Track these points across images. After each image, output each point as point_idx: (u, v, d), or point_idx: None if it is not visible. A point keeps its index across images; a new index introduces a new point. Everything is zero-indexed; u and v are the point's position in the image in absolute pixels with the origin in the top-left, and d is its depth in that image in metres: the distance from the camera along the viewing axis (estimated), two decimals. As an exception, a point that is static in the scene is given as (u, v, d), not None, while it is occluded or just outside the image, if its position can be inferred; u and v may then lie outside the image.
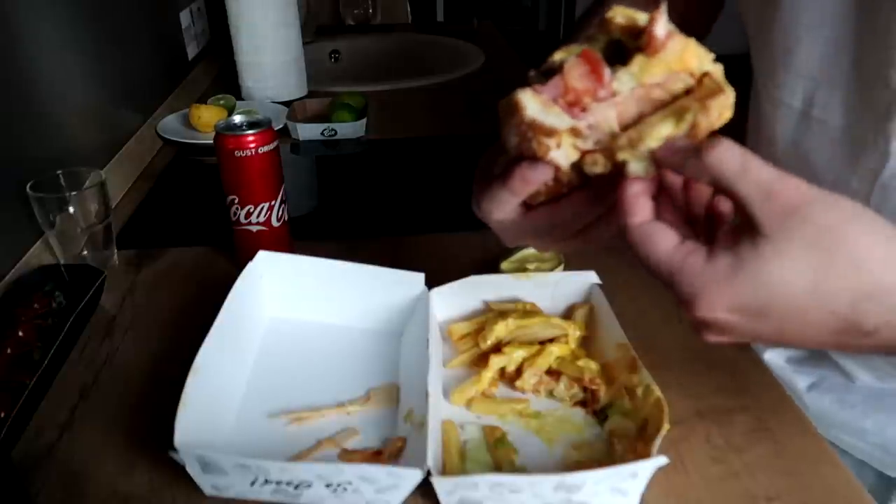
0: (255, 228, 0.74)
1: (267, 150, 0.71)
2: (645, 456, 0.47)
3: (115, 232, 0.80)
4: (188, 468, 0.48)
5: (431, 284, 0.64)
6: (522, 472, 0.51)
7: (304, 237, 0.81)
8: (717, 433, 0.55)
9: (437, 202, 0.95)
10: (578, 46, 0.39)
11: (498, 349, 0.59)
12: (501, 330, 0.59)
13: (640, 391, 0.53)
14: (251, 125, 0.71)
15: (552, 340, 0.60)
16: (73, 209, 0.74)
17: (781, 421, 0.56)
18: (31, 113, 0.81)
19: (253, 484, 0.48)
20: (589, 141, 0.38)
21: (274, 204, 0.74)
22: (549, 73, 0.39)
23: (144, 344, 0.67)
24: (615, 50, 0.39)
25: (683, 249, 0.37)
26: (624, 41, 0.39)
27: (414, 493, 0.49)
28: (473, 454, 0.53)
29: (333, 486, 0.47)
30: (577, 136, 0.38)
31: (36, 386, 0.59)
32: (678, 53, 0.37)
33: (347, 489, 0.48)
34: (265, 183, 0.73)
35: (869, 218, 0.35)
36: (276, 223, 0.75)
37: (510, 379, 0.59)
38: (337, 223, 0.91)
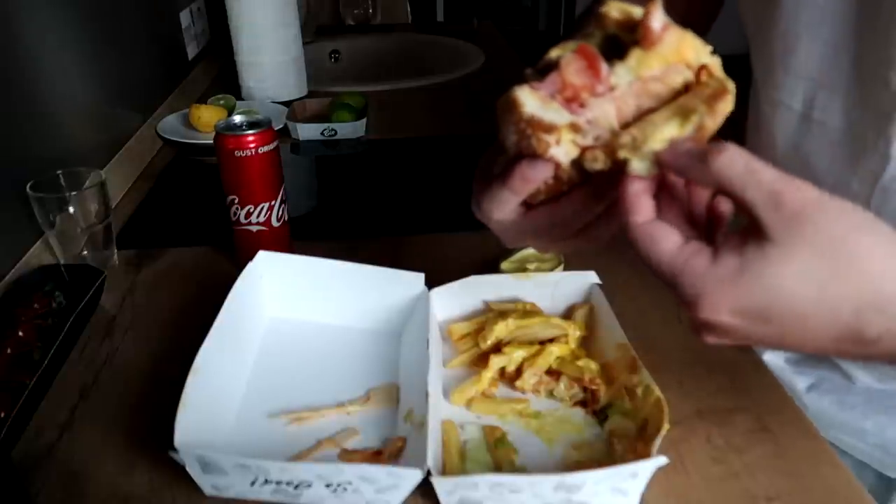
0: (255, 228, 0.74)
1: (267, 150, 0.71)
2: (645, 456, 0.47)
3: (115, 232, 0.80)
4: (188, 468, 0.48)
5: (431, 284, 0.64)
6: (522, 472, 0.51)
7: (304, 237, 0.81)
8: (717, 433, 0.55)
9: (437, 202, 0.95)
10: (574, 42, 0.39)
11: (498, 349, 0.59)
12: (501, 330, 0.59)
13: (640, 391, 0.53)
14: (251, 125, 0.71)
15: (552, 340, 0.60)
16: (73, 209, 0.74)
17: (781, 421, 0.56)
18: (31, 113, 0.81)
19: (253, 484, 0.48)
20: (588, 137, 0.37)
21: (274, 204, 0.74)
22: (545, 70, 0.38)
23: (144, 344, 0.67)
24: (612, 45, 0.39)
25: (687, 249, 0.36)
26: (620, 36, 0.39)
27: (414, 493, 0.49)
28: (473, 454, 0.53)
29: (333, 486, 0.47)
30: (576, 131, 0.37)
31: (36, 386, 0.59)
32: (675, 46, 0.36)
33: (347, 489, 0.48)
34: (265, 183, 0.73)
35: (876, 226, 0.35)
36: (276, 223, 0.75)
37: (510, 379, 0.59)
38: (337, 223, 0.91)
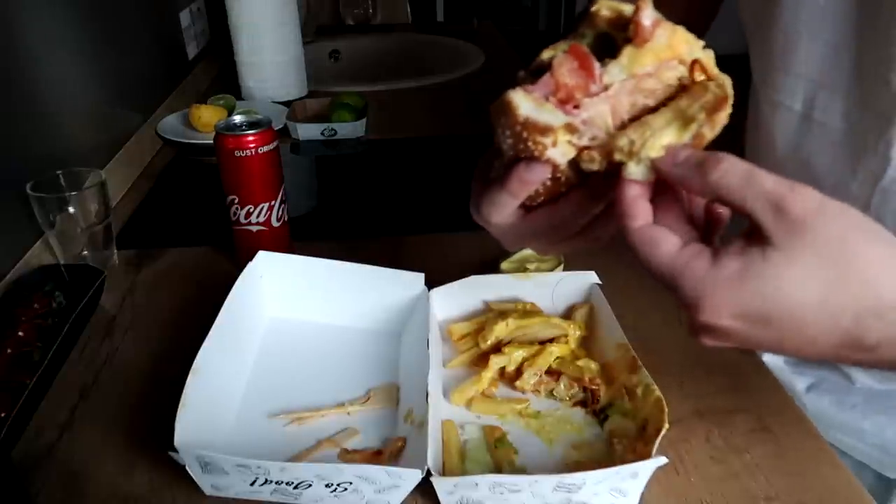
0: (255, 228, 0.74)
1: (267, 150, 0.71)
2: (645, 456, 0.47)
3: (115, 232, 0.80)
4: (188, 468, 0.48)
5: (431, 284, 0.64)
6: (522, 472, 0.51)
7: (303, 237, 0.81)
8: (717, 433, 0.55)
9: (437, 202, 0.95)
10: (566, 43, 0.38)
11: (498, 349, 0.59)
12: (501, 330, 0.59)
13: (639, 391, 0.53)
14: (251, 125, 0.71)
15: (552, 340, 0.60)
16: (73, 209, 0.74)
17: (782, 422, 0.56)
18: (31, 113, 0.81)
19: (253, 484, 0.48)
20: (585, 137, 0.37)
21: (274, 204, 0.74)
22: (538, 72, 0.38)
23: (144, 344, 0.67)
24: (604, 44, 0.39)
25: (687, 252, 0.36)
26: (612, 34, 0.38)
27: (414, 493, 0.49)
28: (473, 454, 0.53)
29: (333, 486, 0.47)
30: (572, 132, 0.37)
31: (36, 386, 0.59)
32: (667, 42, 0.36)
33: (347, 489, 0.48)
34: (265, 183, 0.73)
35: (878, 232, 0.35)
36: (275, 223, 0.75)
37: (510, 379, 0.59)
38: (337, 223, 0.91)
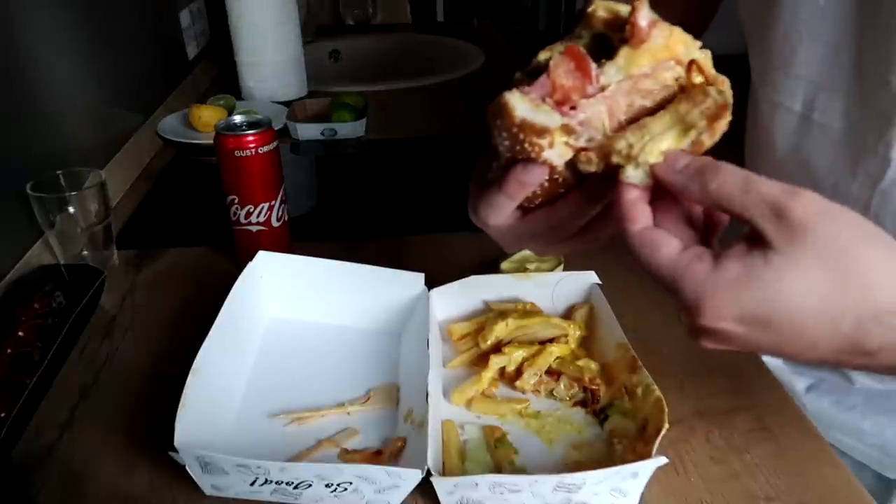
0: (254, 228, 0.74)
1: (267, 150, 0.71)
2: (645, 456, 0.47)
3: (115, 232, 0.80)
4: (188, 468, 0.48)
5: (431, 284, 0.64)
6: (522, 472, 0.51)
7: (303, 237, 0.81)
8: (717, 433, 0.55)
9: (437, 202, 0.95)
10: (562, 44, 0.38)
11: (498, 349, 0.59)
12: (501, 330, 0.59)
13: (639, 391, 0.53)
14: (251, 125, 0.71)
15: (552, 340, 0.60)
16: (73, 209, 0.74)
17: (782, 421, 0.56)
18: (31, 113, 0.81)
19: (253, 484, 0.48)
20: (582, 138, 0.37)
21: (274, 204, 0.74)
22: (535, 73, 0.38)
23: (144, 344, 0.67)
24: (601, 44, 0.38)
25: (687, 255, 0.36)
26: (608, 35, 0.38)
27: (414, 492, 0.49)
28: (473, 454, 0.53)
29: (333, 486, 0.47)
30: (569, 133, 0.37)
31: (36, 386, 0.59)
32: (663, 42, 0.36)
33: (347, 489, 0.48)
34: (265, 183, 0.73)
35: (878, 236, 0.34)
36: (275, 223, 0.75)
37: (510, 379, 0.59)
38: (337, 223, 0.91)
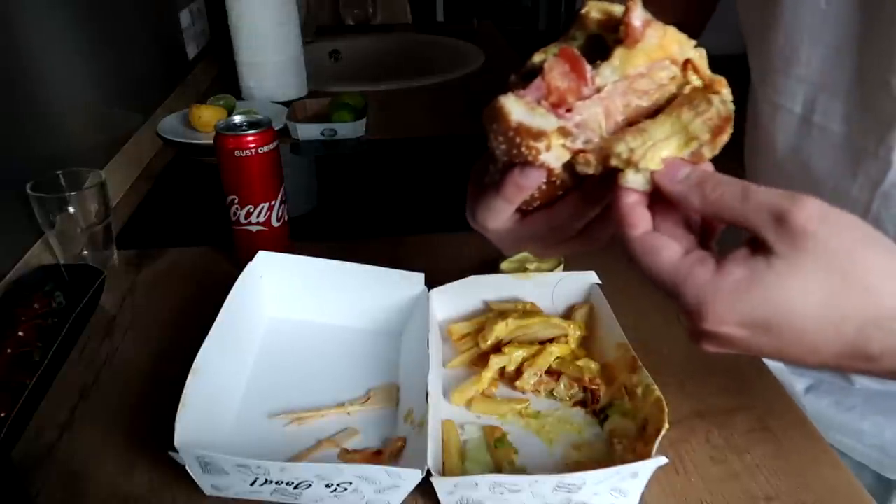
0: (254, 228, 0.74)
1: (267, 150, 0.71)
2: (645, 456, 0.47)
3: (115, 232, 0.80)
4: (188, 468, 0.48)
5: (431, 284, 0.64)
6: (522, 472, 0.51)
7: (303, 237, 0.81)
8: (717, 433, 0.55)
9: (437, 202, 0.95)
10: (556, 46, 0.38)
11: (498, 349, 0.59)
12: (501, 330, 0.59)
13: (639, 391, 0.53)
14: (251, 125, 0.71)
15: (552, 340, 0.60)
16: (73, 209, 0.74)
17: (782, 421, 0.56)
18: (31, 113, 0.81)
19: (253, 484, 0.48)
20: (579, 140, 0.37)
21: (274, 204, 0.74)
22: (529, 76, 0.38)
23: (144, 344, 0.67)
24: (595, 45, 0.38)
25: (689, 260, 0.36)
26: (602, 36, 0.38)
27: (414, 492, 0.49)
28: (473, 454, 0.53)
29: (333, 486, 0.47)
30: (565, 135, 0.37)
31: (36, 386, 0.59)
32: (658, 41, 0.36)
33: (347, 489, 0.48)
34: (265, 183, 0.73)
35: (879, 240, 0.34)
36: (275, 223, 0.75)
37: (510, 379, 0.59)
38: (336, 223, 0.91)
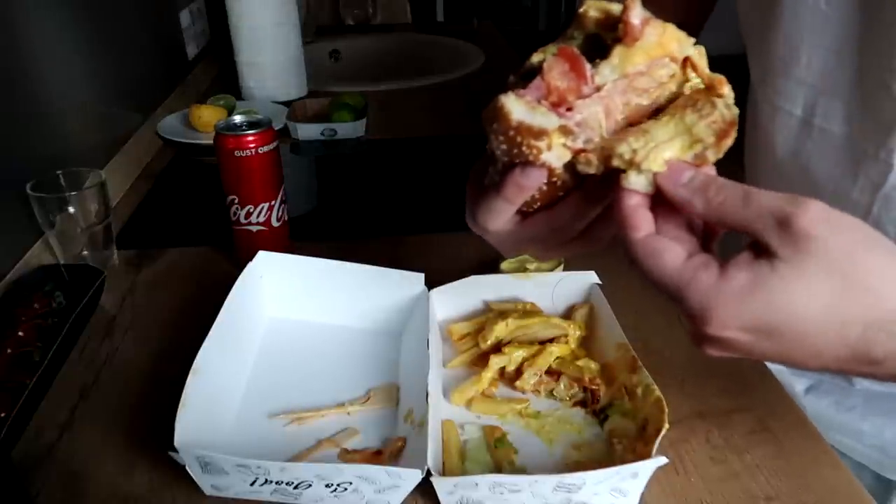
0: (254, 228, 0.74)
1: (267, 150, 0.71)
2: (645, 456, 0.47)
3: (115, 232, 0.80)
4: (188, 468, 0.48)
5: (431, 284, 0.64)
6: (522, 472, 0.51)
7: (303, 237, 0.81)
8: (717, 434, 0.55)
9: (437, 202, 0.95)
10: (555, 45, 0.38)
11: (498, 349, 0.59)
12: (501, 330, 0.59)
13: (639, 391, 0.53)
14: (251, 125, 0.71)
15: (552, 340, 0.60)
16: (73, 209, 0.74)
17: (782, 422, 0.56)
18: (31, 113, 0.81)
19: (253, 484, 0.48)
20: (579, 139, 0.37)
21: (274, 204, 0.74)
22: (528, 76, 0.37)
23: (144, 344, 0.67)
24: (594, 44, 0.38)
25: (692, 263, 0.35)
26: (601, 35, 0.38)
27: (414, 492, 0.49)
28: (473, 454, 0.53)
29: (333, 486, 0.47)
30: (566, 134, 0.37)
31: (36, 386, 0.59)
32: (657, 39, 0.36)
33: (347, 489, 0.48)
34: (265, 183, 0.73)
35: (882, 243, 0.34)
36: (275, 223, 0.75)
37: (510, 379, 0.59)
38: (336, 223, 0.91)
